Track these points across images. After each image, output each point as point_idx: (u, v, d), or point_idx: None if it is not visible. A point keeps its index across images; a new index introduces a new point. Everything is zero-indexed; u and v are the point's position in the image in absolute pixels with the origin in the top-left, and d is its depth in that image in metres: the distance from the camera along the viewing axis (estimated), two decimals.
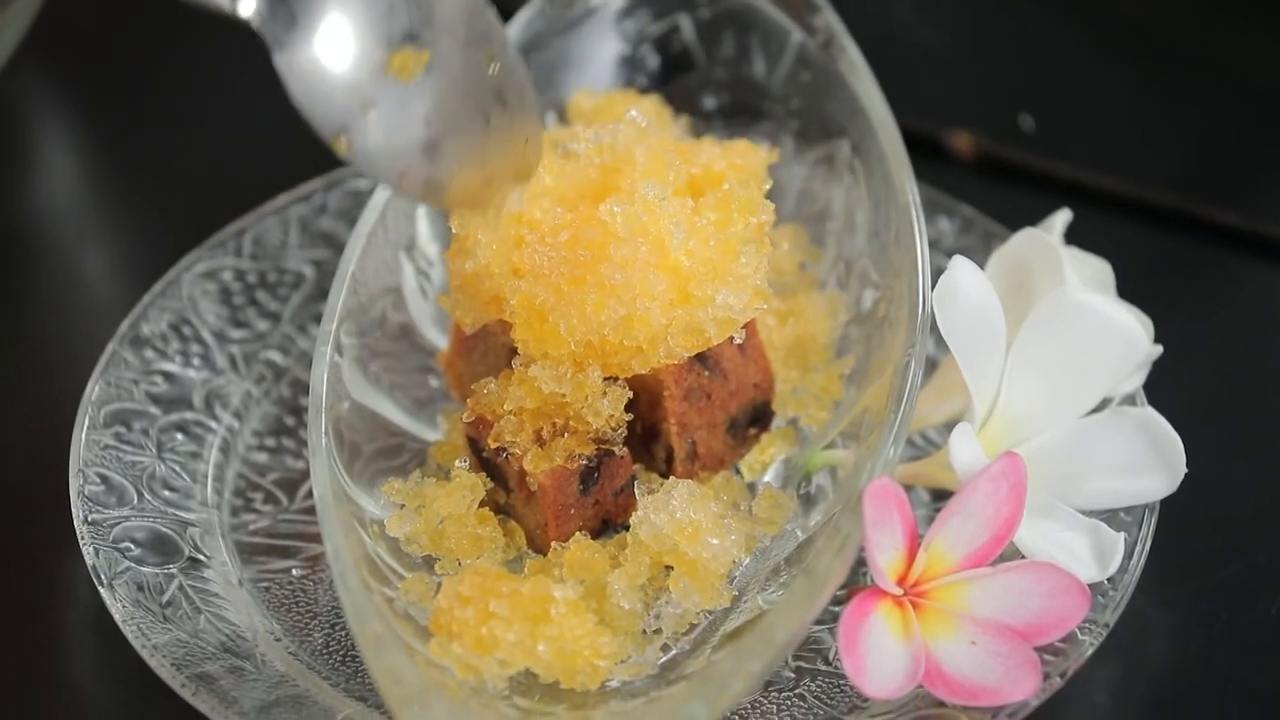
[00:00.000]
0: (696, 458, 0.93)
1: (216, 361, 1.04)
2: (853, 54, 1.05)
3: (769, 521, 0.93)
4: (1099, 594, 0.88)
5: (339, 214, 1.10)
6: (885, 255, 1.00)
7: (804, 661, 0.90)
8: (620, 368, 0.89)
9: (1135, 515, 0.92)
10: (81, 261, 1.19)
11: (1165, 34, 1.34)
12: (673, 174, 0.91)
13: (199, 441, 1.00)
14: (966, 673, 0.84)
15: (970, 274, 0.90)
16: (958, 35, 1.35)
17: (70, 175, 1.26)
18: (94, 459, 0.96)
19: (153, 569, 0.92)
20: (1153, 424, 0.91)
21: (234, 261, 1.07)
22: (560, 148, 0.95)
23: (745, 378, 0.94)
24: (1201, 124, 1.28)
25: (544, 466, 0.89)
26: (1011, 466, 0.86)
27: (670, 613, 0.88)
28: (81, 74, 1.30)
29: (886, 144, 1.00)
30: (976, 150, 1.23)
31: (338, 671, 0.90)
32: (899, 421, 0.87)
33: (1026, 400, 0.92)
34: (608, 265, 0.87)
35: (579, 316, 0.88)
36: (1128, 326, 0.92)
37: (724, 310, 0.88)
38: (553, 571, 0.89)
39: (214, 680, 0.86)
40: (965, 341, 0.89)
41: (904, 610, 0.85)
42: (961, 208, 1.09)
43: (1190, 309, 1.13)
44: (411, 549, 0.91)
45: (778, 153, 1.00)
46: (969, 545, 0.86)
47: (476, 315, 0.93)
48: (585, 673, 0.85)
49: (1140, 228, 1.19)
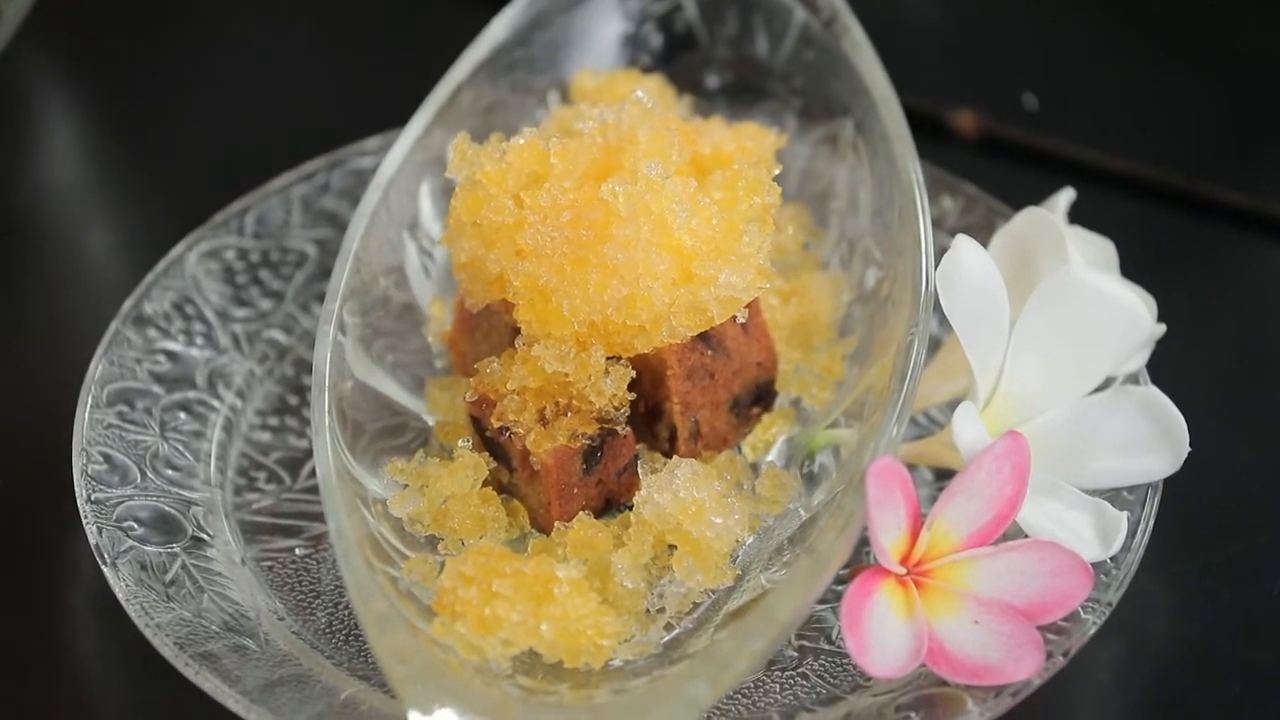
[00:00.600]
0: (700, 437, 0.93)
1: (219, 340, 1.04)
2: (856, 33, 1.05)
3: (772, 501, 0.93)
4: (1102, 573, 0.88)
5: (342, 193, 1.10)
6: (888, 234, 1.00)
7: (807, 641, 0.90)
8: (623, 347, 0.89)
9: (1138, 494, 0.92)
10: (84, 241, 1.19)
11: (1169, 13, 1.34)
12: (675, 154, 0.91)
13: (202, 420, 1.00)
14: (969, 652, 0.84)
15: (973, 253, 0.90)
16: (961, 14, 1.35)
17: (73, 155, 1.26)
18: (97, 438, 0.96)
19: (156, 548, 0.92)
20: (1156, 403, 0.91)
21: (237, 240, 1.07)
22: (565, 127, 0.95)
23: (748, 356, 0.94)
24: (1205, 103, 1.28)
25: (547, 446, 0.89)
26: (1014, 445, 0.86)
27: (674, 592, 0.88)
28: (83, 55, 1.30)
29: (890, 123, 1.00)
30: (980, 129, 1.23)
31: (341, 651, 0.90)
32: (902, 401, 0.87)
33: (1030, 379, 0.92)
34: (610, 245, 0.87)
35: (582, 296, 0.88)
36: (1131, 305, 0.92)
37: (727, 289, 0.88)
38: (556, 551, 0.89)
39: (217, 659, 0.86)
40: (968, 320, 0.89)
41: (907, 589, 0.85)
42: (965, 186, 1.09)
43: (1194, 288, 1.13)
44: (415, 529, 0.91)
45: (786, 136, 1.00)
46: (972, 524, 0.86)
47: (480, 295, 0.93)
48: (589, 652, 0.85)
49: (1143, 206, 1.18)
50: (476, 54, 1.06)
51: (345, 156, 1.11)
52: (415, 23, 1.34)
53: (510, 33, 1.07)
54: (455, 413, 0.97)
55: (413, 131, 1.03)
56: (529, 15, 1.07)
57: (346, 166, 1.11)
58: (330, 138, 1.13)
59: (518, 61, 1.08)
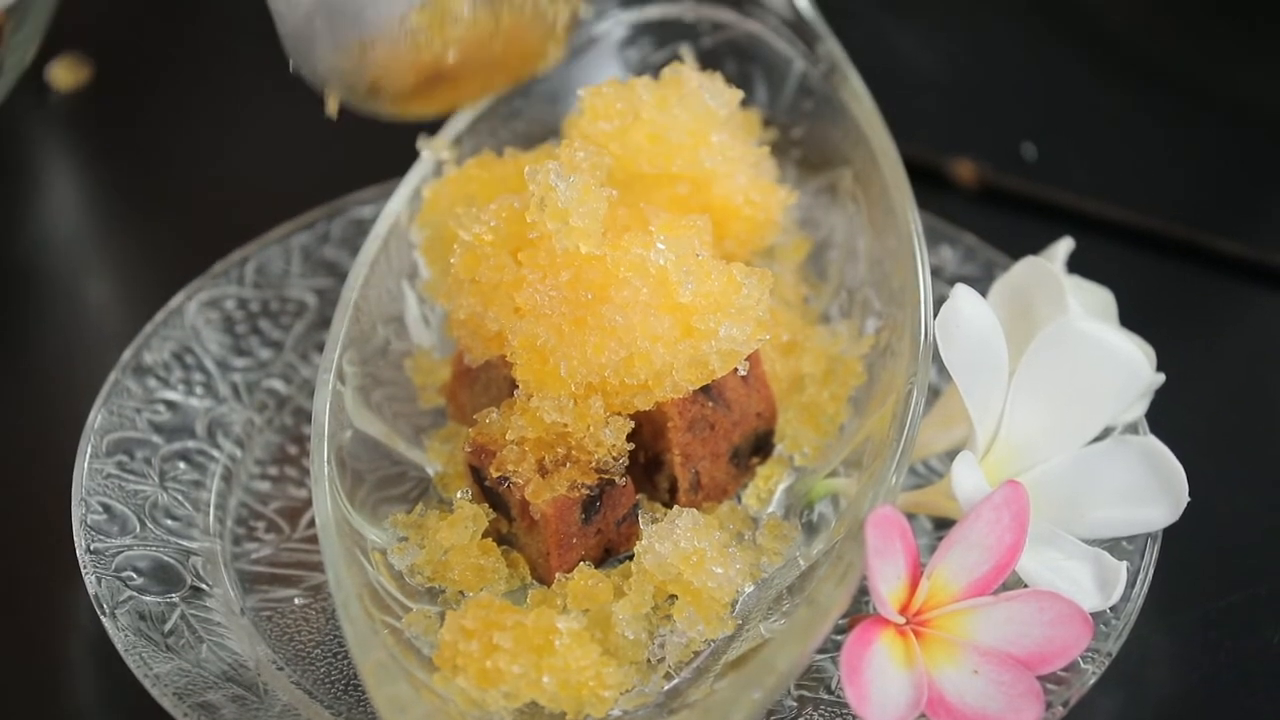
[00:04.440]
0: (700, 488, 0.93)
1: (219, 390, 1.04)
2: (855, 82, 1.05)
3: (773, 551, 0.93)
4: (1101, 623, 0.88)
5: (341, 242, 1.10)
6: (887, 284, 1.00)
7: (806, 690, 0.90)
8: (623, 405, 0.89)
9: (1138, 544, 0.92)
10: (84, 290, 1.19)
11: (1167, 63, 1.34)
12: (697, 243, 0.91)
13: (201, 470, 1.00)
14: (969, 702, 0.84)
15: (972, 302, 0.90)
16: (960, 64, 1.36)
17: (73, 204, 1.26)
18: (96, 488, 0.96)
19: (155, 598, 0.92)
20: (1155, 453, 0.91)
21: (236, 290, 1.07)
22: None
23: (748, 407, 0.94)
24: (1204, 152, 1.28)
25: (546, 495, 0.89)
26: (1014, 495, 0.86)
27: (675, 642, 0.88)
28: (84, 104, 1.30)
29: (889, 172, 1.00)
30: (979, 178, 1.23)
31: (340, 700, 0.90)
32: (901, 450, 0.87)
33: (1029, 429, 0.92)
34: (608, 307, 0.87)
35: (579, 358, 0.88)
36: (1130, 355, 0.92)
37: (727, 343, 0.88)
38: (556, 602, 0.89)
39: (216, 709, 0.86)
40: (967, 370, 0.89)
41: (906, 639, 0.85)
42: (964, 236, 1.09)
43: (1193, 337, 1.13)
44: (415, 580, 0.91)
45: (795, 194, 1.00)
46: (971, 574, 0.86)
47: (479, 351, 0.93)
48: (591, 703, 0.84)
49: (1143, 256, 1.19)
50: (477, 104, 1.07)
51: (345, 205, 1.11)
52: None
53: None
54: (455, 464, 0.97)
55: (412, 181, 1.03)
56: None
57: (346, 216, 1.11)
58: (330, 187, 1.13)
59: (518, 110, 1.08)
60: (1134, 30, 1.37)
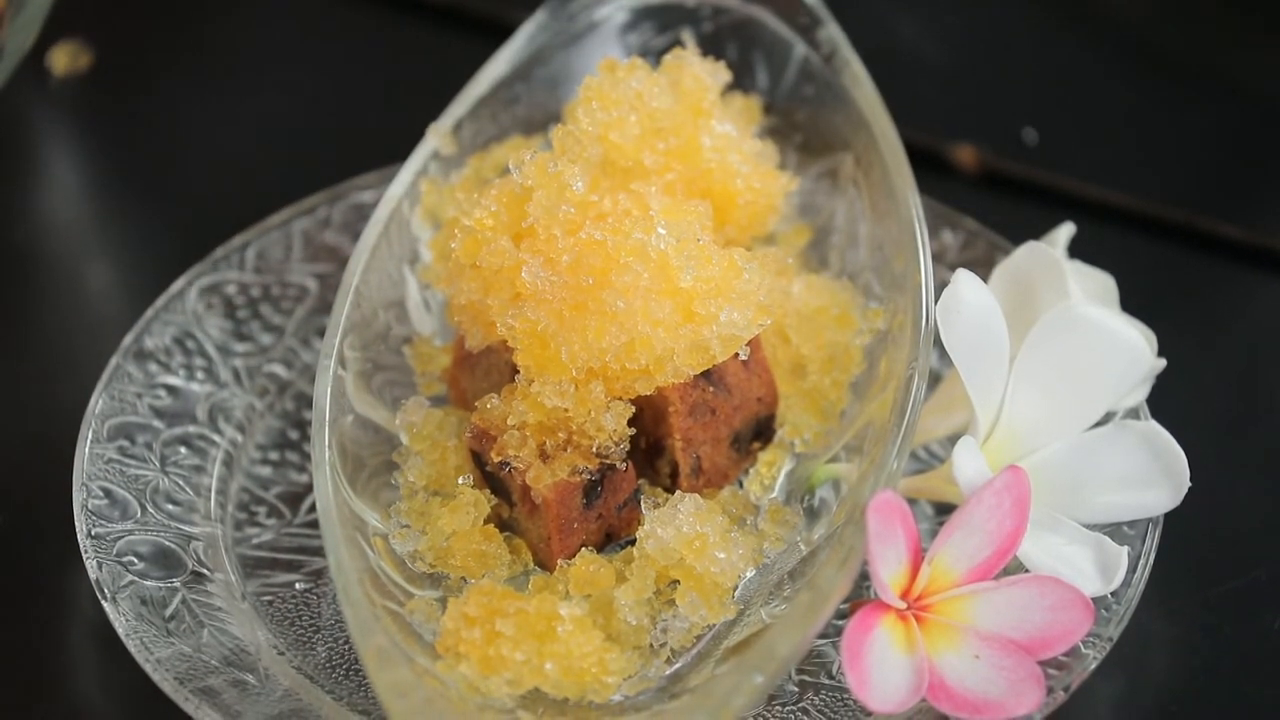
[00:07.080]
0: (701, 473, 0.93)
1: (220, 375, 1.04)
2: (856, 67, 1.05)
3: (775, 536, 0.93)
4: (1102, 608, 0.88)
5: (342, 227, 1.10)
6: (889, 269, 1.00)
7: (807, 675, 0.90)
8: (624, 390, 0.89)
9: (1139, 529, 0.92)
10: (85, 275, 1.19)
11: (1169, 47, 1.34)
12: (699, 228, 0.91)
13: (202, 455, 1.00)
14: (970, 686, 0.84)
15: (973, 287, 0.90)
16: (961, 48, 1.36)
17: (74, 189, 1.26)
18: (97, 473, 0.96)
19: (156, 583, 0.92)
20: (1156, 438, 0.91)
21: (237, 275, 1.07)
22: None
23: (749, 392, 0.94)
24: (1205, 137, 1.28)
25: (547, 480, 0.89)
26: (1015, 480, 0.86)
27: (677, 627, 0.88)
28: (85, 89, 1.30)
29: (889, 157, 1.00)
30: (980, 163, 1.23)
31: (341, 685, 0.90)
32: (902, 435, 0.87)
33: (1030, 414, 0.92)
34: (609, 291, 0.87)
35: (580, 343, 0.88)
36: (1131, 340, 0.92)
37: (728, 328, 0.88)
38: (558, 588, 0.89)
39: (217, 694, 0.86)
40: (968, 355, 0.89)
41: (907, 624, 0.85)
42: (965, 221, 1.09)
43: (1194, 322, 1.13)
44: (418, 566, 0.91)
45: (796, 180, 1.00)
46: (972, 559, 0.86)
47: (480, 337, 0.93)
48: (594, 689, 0.85)
49: (1144, 241, 1.18)
50: (477, 89, 1.06)
51: (346, 191, 1.11)
52: (416, 57, 1.34)
53: (511, 67, 1.07)
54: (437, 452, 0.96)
55: (413, 166, 1.03)
56: (529, 50, 1.08)
57: (347, 201, 1.11)
58: (331, 172, 1.13)
59: (518, 96, 1.08)
60: (1135, 15, 1.37)
